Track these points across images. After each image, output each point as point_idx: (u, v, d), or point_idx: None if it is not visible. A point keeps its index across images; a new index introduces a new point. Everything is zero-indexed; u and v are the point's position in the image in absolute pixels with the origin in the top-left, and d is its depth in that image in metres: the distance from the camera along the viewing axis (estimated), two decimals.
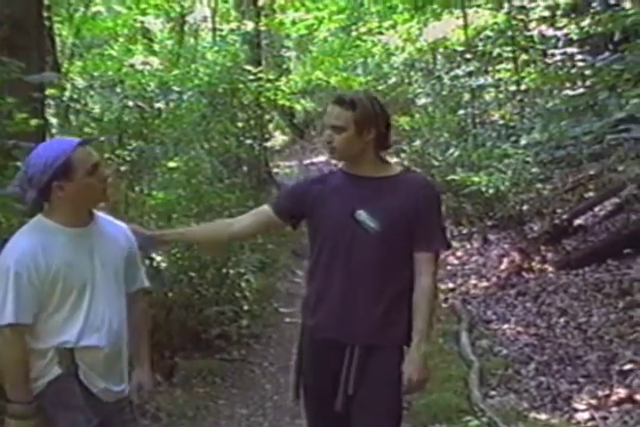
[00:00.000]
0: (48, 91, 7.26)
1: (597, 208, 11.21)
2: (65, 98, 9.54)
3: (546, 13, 13.21)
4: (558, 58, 10.85)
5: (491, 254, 11.49)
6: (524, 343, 7.79)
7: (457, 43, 17.40)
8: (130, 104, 9.73)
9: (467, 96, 15.52)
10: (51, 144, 3.56)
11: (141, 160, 9.33)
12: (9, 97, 5.39)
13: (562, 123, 9.65)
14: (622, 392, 6.14)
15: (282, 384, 7.52)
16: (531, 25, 13.93)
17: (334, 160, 4.03)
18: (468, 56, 15.45)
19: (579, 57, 10.18)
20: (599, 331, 7.61)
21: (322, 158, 25.09)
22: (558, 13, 12.97)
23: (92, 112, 9.89)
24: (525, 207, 11.05)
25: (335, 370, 3.79)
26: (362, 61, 24.05)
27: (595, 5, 11.07)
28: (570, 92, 10.09)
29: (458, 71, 15.53)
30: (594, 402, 6.14)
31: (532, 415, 6.11)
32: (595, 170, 10.99)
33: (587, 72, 9.81)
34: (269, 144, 17.33)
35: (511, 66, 14.94)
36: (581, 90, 9.74)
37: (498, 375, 7.02)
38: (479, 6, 16.33)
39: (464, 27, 16.29)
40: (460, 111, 15.25)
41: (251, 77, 14.19)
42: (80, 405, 3.36)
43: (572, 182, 11.90)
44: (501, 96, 15.41)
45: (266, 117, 16.24)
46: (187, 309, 8.21)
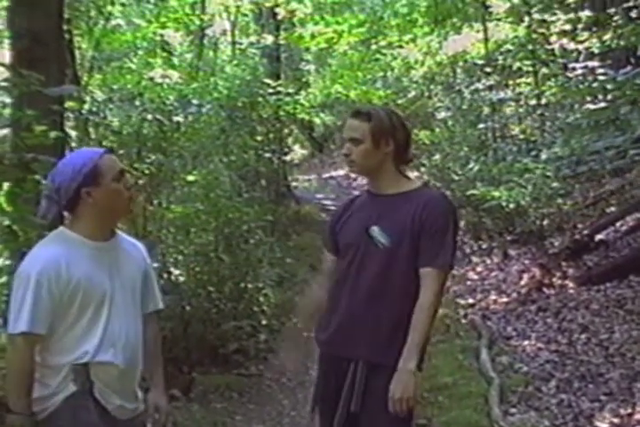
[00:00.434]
0: (67, 104, 7.27)
1: (619, 223, 11.12)
2: (84, 111, 9.56)
3: (567, 27, 13.16)
4: (579, 72, 10.77)
5: (511, 270, 11.41)
6: (545, 360, 7.71)
7: (477, 56, 17.41)
8: (149, 117, 9.76)
9: (487, 110, 15.47)
10: (77, 154, 3.63)
11: (160, 173, 9.35)
12: (28, 109, 5.38)
13: (583, 137, 9.60)
14: None
15: (299, 400, 7.50)
16: (552, 38, 13.89)
17: (354, 174, 4.02)
18: (489, 70, 15.41)
19: (600, 71, 10.09)
20: (621, 348, 7.53)
21: (341, 172, 25.11)
22: (579, 27, 12.91)
23: (111, 125, 9.91)
24: (546, 222, 11.00)
25: (340, 386, 3.79)
26: (381, 75, 24.01)
27: (616, 19, 11.04)
28: (591, 106, 10.01)
29: (478, 85, 15.51)
30: (616, 421, 6.06)
31: None
32: (616, 185, 10.92)
33: (608, 86, 9.73)
34: (288, 158, 17.32)
35: (532, 80, 14.92)
36: (603, 104, 9.67)
37: (518, 392, 6.95)
38: (499, 20, 16.29)
39: (484, 40, 16.29)
40: (481, 125, 15.19)
41: (270, 91, 14.21)
42: (95, 422, 3.33)
43: (594, 197, 11.84)
44: (522, 110, 15.36)
45: (285, 131, 16.24)
46: (205, 323, 8.21)
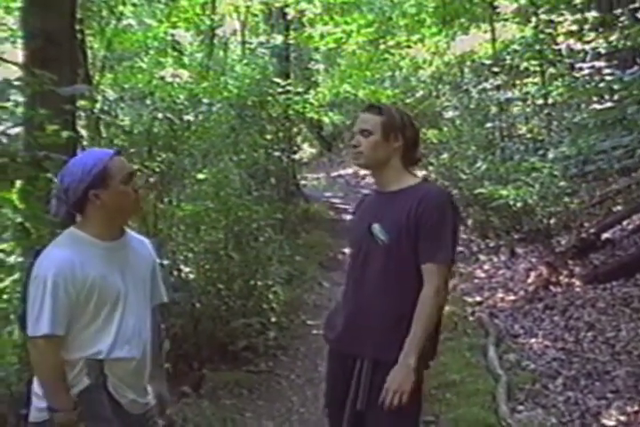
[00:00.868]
0: (79, 103, 7.31)
1: (625, 222, 11.14)
2: (96, 110, 9.60)
3: (574, 27, 13.18)
4: (586, 72, 10.80)
5: (518, 268, 11.44)
6: (552, 358, 7.75)
7: (484, 56, 17.43)
8: (159, 116, 9.78)
9: (494, 109, 15.50)
10: (87, 154, 3.64)
11: (170, 172, 9.39)
12: (41, 109, 5.43)
13: (590, 137, 9.63)
14: None
15: (308, 397, 7.54)
16: (559, 39, 13.91)
17: (360, 167, 4.05)
18: (496, 70, 15.43)
19: (607, 71, 10.13)
20: (628, 346, 7.57)
21: (349, 171, 25.15)
22: (586, 27, 12.93)
23: (122, 124, 9.95)
24: (553, 221, 11.02)
25: (347, 383, 3.83)
26: (390, 75, 24.05)
27: (623, 20, 11.07)
28: (598, 106, 10.04)
29: (485, 85, 15.53)
30: (623, 418, 6.10)
31: None
32: (623, 184, 10.94)
33: (615, 86, 9.77)
34: (297, 156, 17.34)
35: (539, 80, 14.93)
36: (610, 104, 9.71)
37: (525, 390, 6.98)
38: (507, 20, 16.32)
39: (492, 40, 16.32)
40: (488, 124, 15.22)
41: (279, 90, 14.24)
42: (108, 416, 3.39)
43: (600, 196, 11.86)
44: (529, 110, 15.37)
45: (294, 130, 16.27)
46: (214, 320, 8.25)
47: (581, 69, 11.06)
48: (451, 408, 6.65)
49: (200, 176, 9.68)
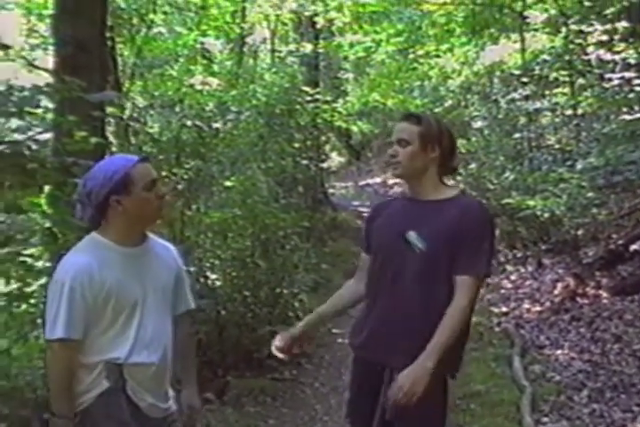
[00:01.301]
0: (108, 110, 7.36)
1: None
2: (125, 117, 9.66)
3: (604, 38, 13.12)
4: (616, 82, 10.77)
5: (545, 279, 11.41)
6: (578, 369, 7.71)
7: (514, 66, 17.37)
8: (188, 123, 9.83)
9: (523, 120, 15.44)
10: (111, 160, 3.64)
11: (198, 179, 9.42)
12: (70, 115, 5.48)
13: (619, 148, 9.58)
14: None
15: (332, 405, 7.54)
16: (588, 49, 13.85)
17: (396, 177, 4.02)
18: (525, 80, 15.38)
19: (636, 81, 10.10)
20: None
21: (377, 180, 25.16)
22: (616, 38, 12.88)
23: (151, 131, 10.00)
24: (580, 232, 10.98)
25: (374, 393, 3.79)
26: (419, 84, 24.05)
27: None
28: (627, 116, 10.01)
29: (514, 95, 15.47)
30: None
31: None
32: None
33: None
34: (325, 165, 17.40)
35: (568, 90, 14.86)
36: (639, 115, 9.67)
37: (550, 402, 6.95)
38: (536, 30, 16.27)
39: (521, 50, 16.26)
40: (516, 135, 15.16)
41: (308, 99, 14.28)
42: (126, 419, 3.40)
43: (629, 208, 11.79)
44: (558, 120, 15.30)
45: (322, 138, 16.31)
46: (240, 327, 8.27)
47: (611, 80, 11.03)
48: (475, 419, 6.63)
49: (228, 184, 9.71)
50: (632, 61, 11.87)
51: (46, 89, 5.19)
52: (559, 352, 8.38)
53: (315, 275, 10.66)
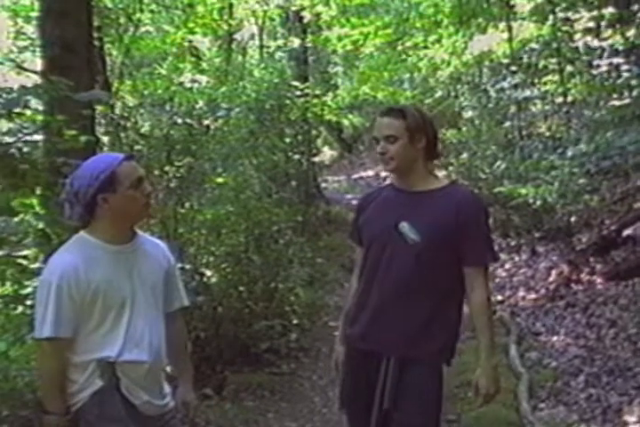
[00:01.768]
0: (98, 109, 7.37)
1: None
2: (115, 116, 9.67)
3: (591, 25, 13.12)
4: (604, 69, 10.79)
5: (539, 266, 11.44)
6: (574, 355, 7.75)
7: (502, 55, 17.35)
8: (178, 121, 9.83)
9: (513, 108, 15.44)
10: (97, 159, 3.64)
11: (190, 176, 9.42)
12: (59, 115, 5.49)
13: (608, 133, 9.60)
14: None
15: (330, 398, 7.55)
16: (576, 36, 13.85)
17: (390, 173, 4.03)
18: (514, 68, 15.37)
19: (624, 67, 10.12)
20: None
21: (370, 173, 25.16)
22: (603, 24, 12.88)
23: (141, 129, 10.00)
24: (573, 219, 11.01)
25: (371, 382, 3.83)
26: (408, 76, 24.02)
27: None
28: (616, 102, 10.03)
29: (504, 84, 15.46)
30: None
31: None
32: None
33: (633, 82, 9.76)
34: (317, 159, 17.38)
35: (557, 77, 14.85)
36: (627, 100, 9.70)
37: (547, 388, 7.00)
38: (524, 19, 16.27)
39: (509, 39, 16.26)
40: (507, 124, 15.17)
41: (298, 93, 14.25)
42: (121, 417, 3.43)
43: (621, 193, 11.81)
44: (547, 108, 15.28)
45: (313, 133, 16.27)
46: (236, 323, 8.29)
47: (599, 66, 11.04)
48: (472, 407, 6.66)
49: (220, 180, 9.71)
50: (619, 48, 11.89)
51: (34, 90, 5.21)
52: (555, 339, 8.43)
53: (310, 269, 10.68)
